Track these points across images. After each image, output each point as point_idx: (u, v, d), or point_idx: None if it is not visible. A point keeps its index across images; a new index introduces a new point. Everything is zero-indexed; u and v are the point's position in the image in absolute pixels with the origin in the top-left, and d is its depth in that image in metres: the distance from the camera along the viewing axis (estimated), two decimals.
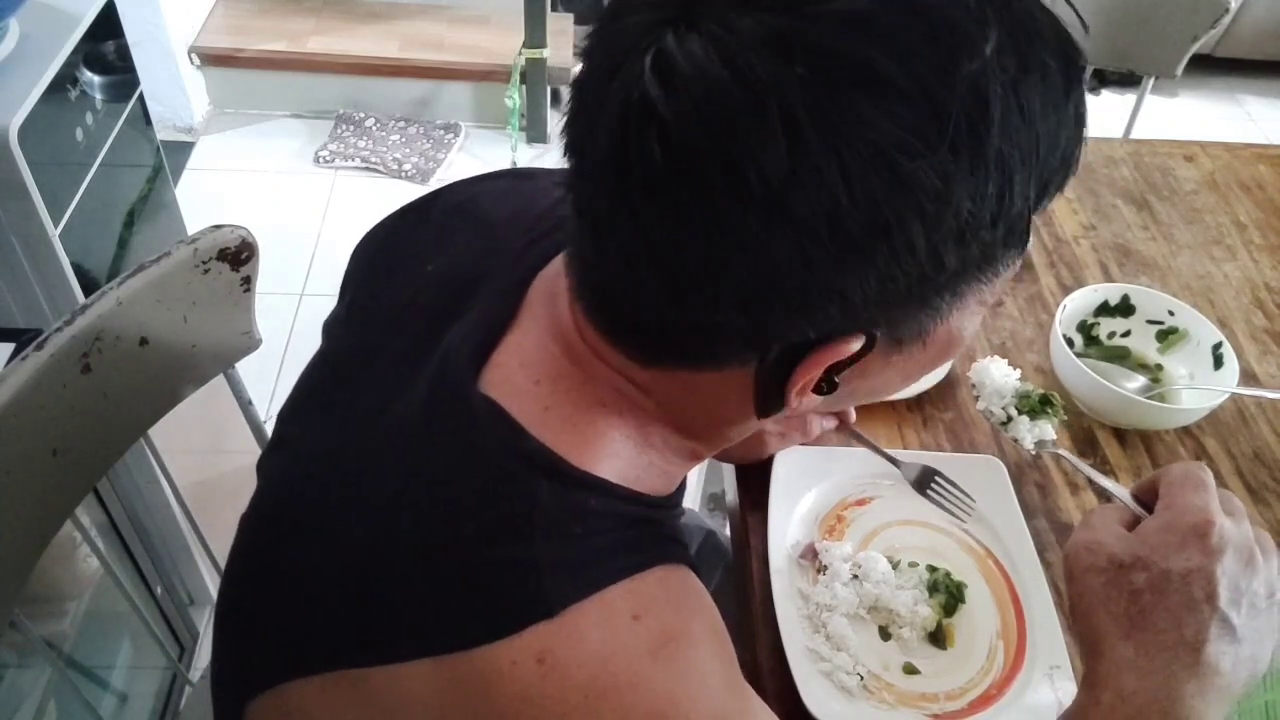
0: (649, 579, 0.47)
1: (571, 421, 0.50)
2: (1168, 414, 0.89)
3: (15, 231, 1.30)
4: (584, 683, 0.43)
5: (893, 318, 0.44)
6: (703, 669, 0.46)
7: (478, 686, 0.43)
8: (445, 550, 0.47)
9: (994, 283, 0.46)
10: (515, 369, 0.51)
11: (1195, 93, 3.25)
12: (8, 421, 0.65)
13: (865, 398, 0.54)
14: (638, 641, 0.45)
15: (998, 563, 0.79)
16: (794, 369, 0.45)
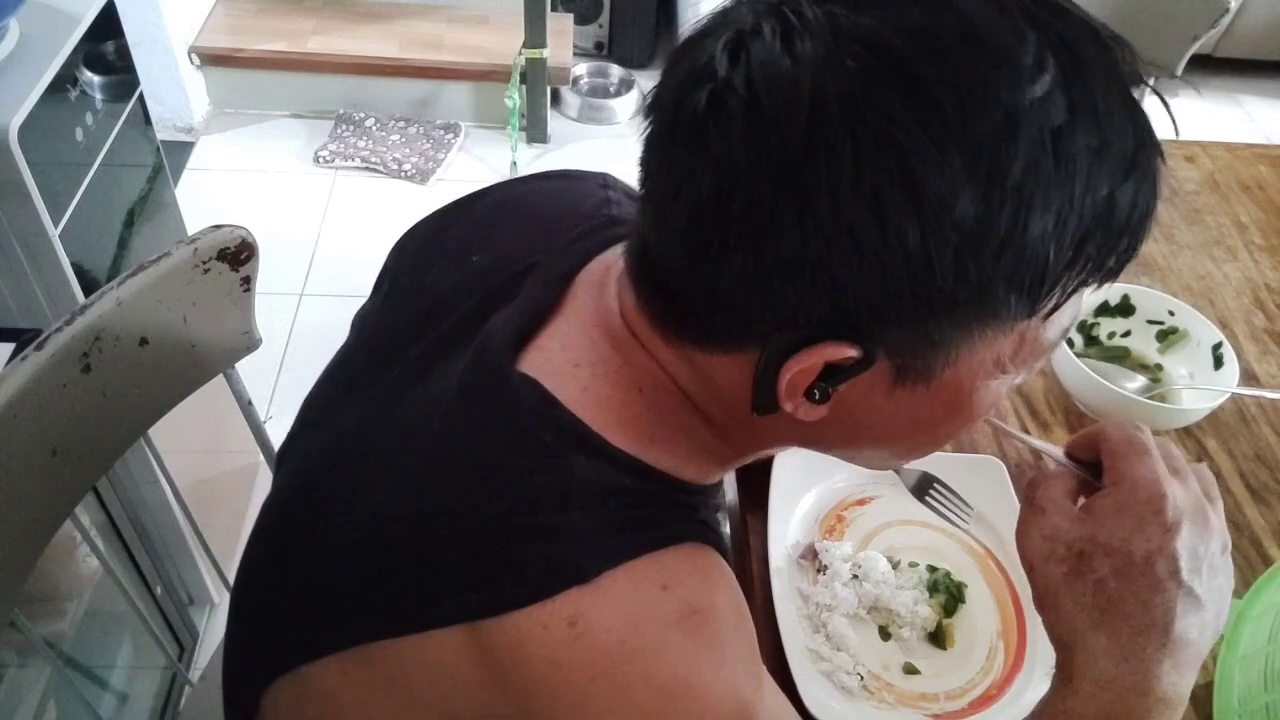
0: (678, 554, 0.48)
1: (609, 402, 0.51)
2: (1168, 414, 0.89)
3: (15, 231, 1.30)
4: (612, 647, 0.44)
5: (891, 335, 0.44)
6: (725, 645, 0.46)
7: (509, 652, 0.44)
8: (479, 517, 0.47)
9: (1009, 339, 0.45)
10: (556, 351, 0.53)
11: (1195, 93, 3.25)
12: (8, 421, 0.65)
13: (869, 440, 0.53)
14: (665, 610, 0.46)
15: (998, 563, 0.79)
16: (786, 361, 0.45)
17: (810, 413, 0.48)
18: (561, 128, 2.82)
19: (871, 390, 0.47)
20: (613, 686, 0.44)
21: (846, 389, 0.46)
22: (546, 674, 0.44)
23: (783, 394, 0.46)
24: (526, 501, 0.47)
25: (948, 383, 0.46)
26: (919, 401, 0.47)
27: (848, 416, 0.49)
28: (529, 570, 0.45)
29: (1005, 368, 0.47)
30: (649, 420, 0.52)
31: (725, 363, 0.48)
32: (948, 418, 0.50)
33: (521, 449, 0.49)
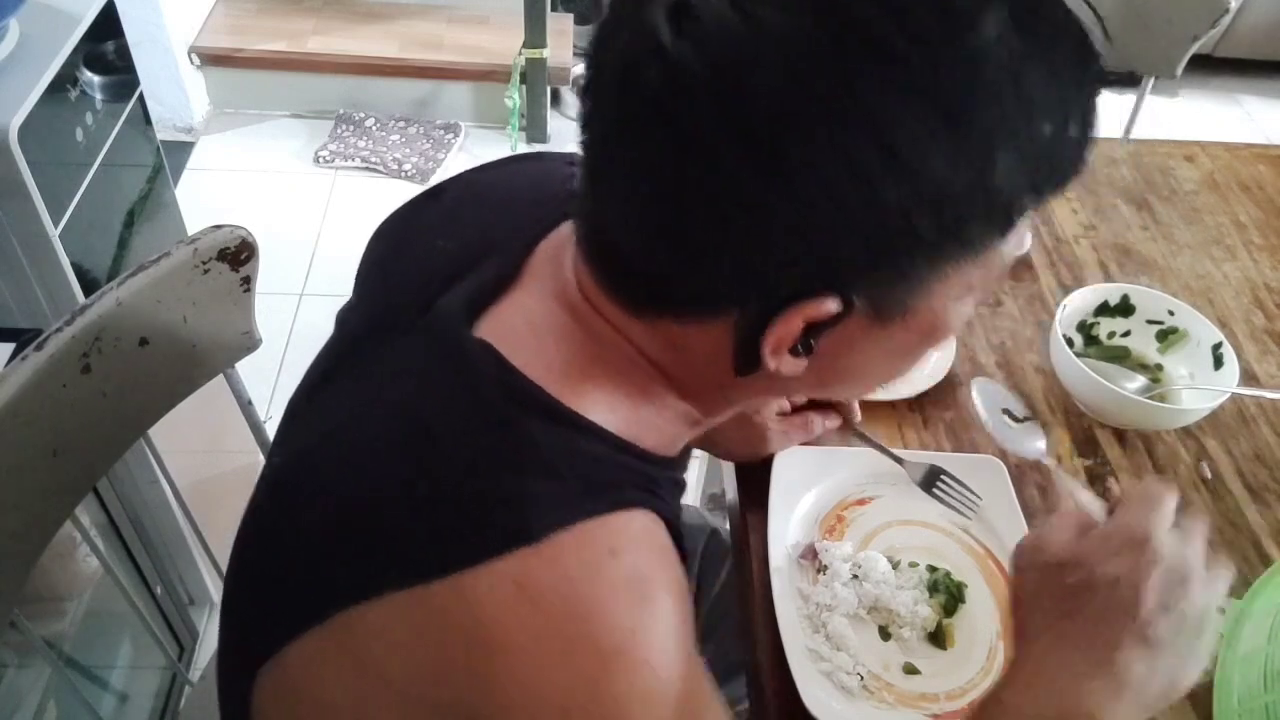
0: (629, 520, 0.48)
1: (567, 369, 0.51)
2: (1168, 414, 0.89)
3: (15, 231, 1.30)
4: (556, 607, 0.44)
5: (871, 284, 0.45)
6: (666, 618, 0.46)
7: (454, 613, 0.44)
8: (434, 481, 0.48)
9: (978, 266, 0.46)
10: (513, 319, 0.53)
11: (1195, 93, 3.24)
12: (8, 421, 0.65)
13: (849, 379, 0.53)
14: (612, 575, 0.45)
15: (998, 563, 0.79)
16: (769, 323, 0.45)
17: (792, 367, 0.48)
18: (561, 127, 2.82)
19: (851, 336, 0.47)
20: (556, 648, 0.43)
21: (827, 338, 0.47)
22: (491, 634, 0.44)
23: (767, 354, 0.47)
24: (481, 465, 0.48)
25: (922, 314, 0.48)
26: (895, 337, 0.48)
27: (827, 363, 0.49)
28: (479, 531, 0.45)
29: (972, 290, 0.49)
30: (608, 387, 0.52)
31: (699, 331, 0.49)
32: (922, 343, 0.51)
33: (477, 414, 0.49)
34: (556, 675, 0.43)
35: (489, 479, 0.47)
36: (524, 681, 0.43)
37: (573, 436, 0.49)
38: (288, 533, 0.52)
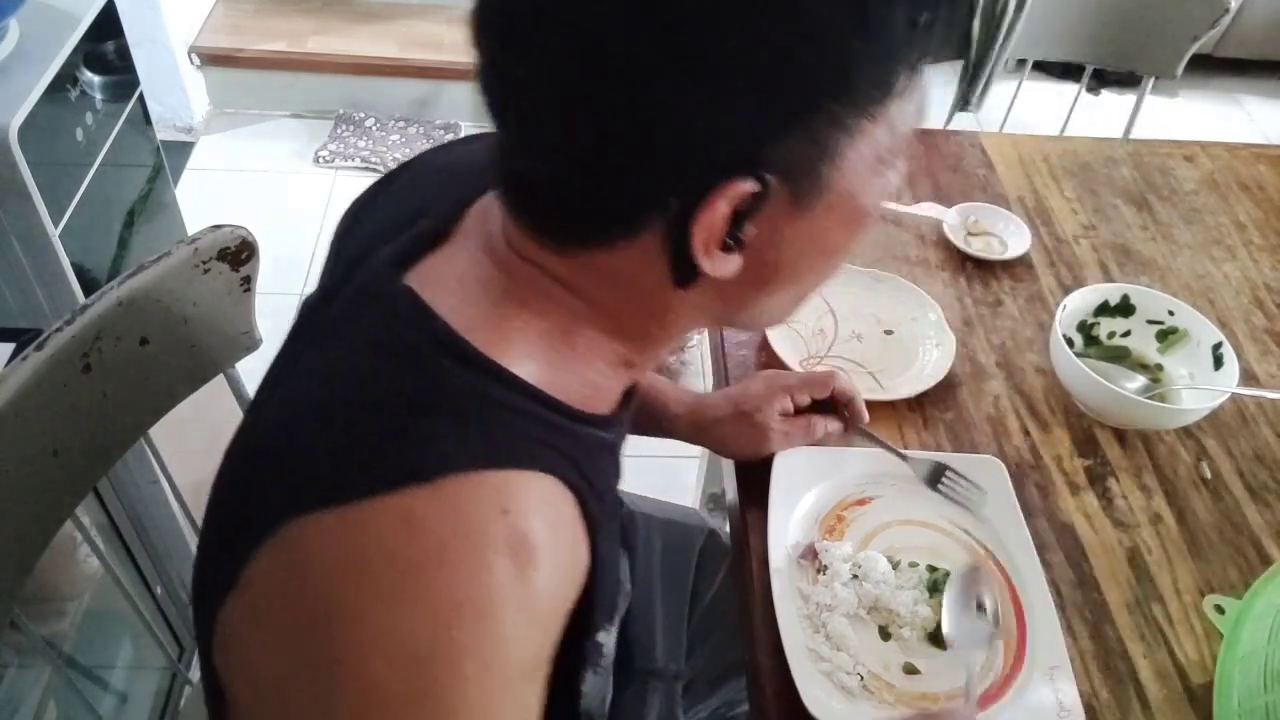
0: (532, 482, 0.48)
1: (488, 317, 0.51)
2: (1168, 414, 0.89)
3: (15, 231, 1.30)
4: (432, 549, 0.44)
5: (779, 156, 0.45)
6: (535, 596, 0.45)
7: (343, 542, 0.44)
8: (344, 416, 0.48)
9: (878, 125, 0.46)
10: (441, 270, 0.53)
11: (1195, 93, 3.25)
12: (8, 421, 0.65)
13: (784, 276, 0.53)
14: (498, 533, 0.45)
15: (998, 563, 0.79)
16: (694, 216, 0.45)
17: (726, 266, 0.48)
18: None
19: (776, 225, 0.48)
20: (415, 588, 0.43)
21: (754, 231, 0.47)
22: (363, 562, 0.44)
23: (699, 254, 0.47)
24: (389, 403, 0.48)
25: (841, 192, 0.48)
26: (819, 223, 0.49)
27: (759, 263, 0.49)
28: (377, 466, 0.46)
29: (884, 161, 0.49)
30: (531, 336, 0.52)
31: (627, 252, 0.48)
32: (851, 229, 0.51)
33: (393, 355, 0.50)
34: (412, 614, 0.43)
35: (394, 417, 0.47)
36: (381, 612, 0.43)
37: (486, 384, 0.49)
38: (227, 472, 0.53)
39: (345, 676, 0.43)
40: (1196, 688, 0.73)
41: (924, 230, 1.12)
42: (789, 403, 0.82)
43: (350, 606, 0.43)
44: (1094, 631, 0.76)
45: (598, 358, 0.54)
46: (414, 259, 0.54)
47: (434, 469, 0.45)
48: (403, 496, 0.44)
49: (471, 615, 0.43)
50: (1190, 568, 0.81)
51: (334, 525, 0.45)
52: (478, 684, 0.43)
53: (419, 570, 0.43)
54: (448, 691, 0.42)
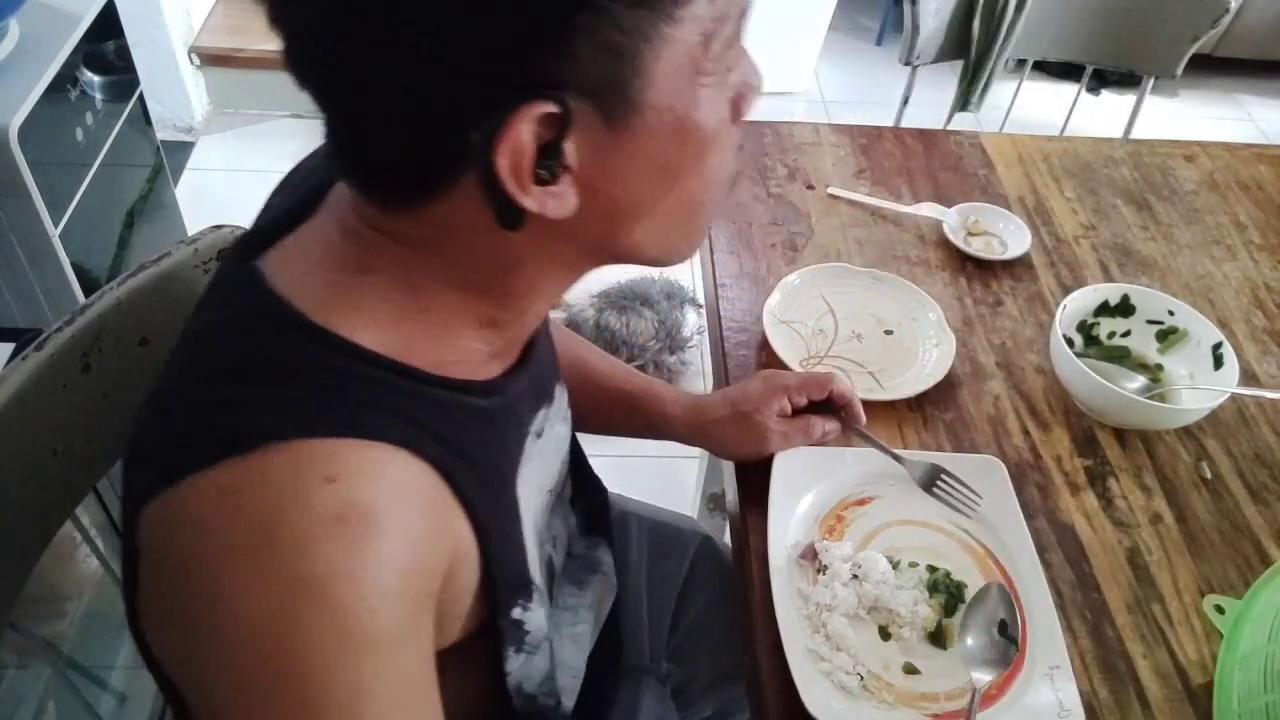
0: (364, 450, 0.46)
1: (328, 283, 0.50)
2: (1168, 414, 0.89)
3: (15, 231, 1.30)
4: (254, 525, 0.43)
5: (574, 73, 0.43)
6: (381, 564, 0.44)
7: (175, 522, 0.44)
8: (173, 394, 0.49)
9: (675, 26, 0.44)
10: (292, 247, 0.53)
11: (1195, 93, 3.25)
12: (8, 421, 0.65)
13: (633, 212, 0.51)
14: (320, 502, 0.43)
15: (998, 563, 0.79)
16: (495, 149, 0.44)
17: (559, 205, 0.47)
18: None
19: (595, 148, 0.46)
20: (247, 567, 0.42)
21: (577, 161, 0.46)
22: (191, 543, 0.43)
23: (514, 190, 0.45)
24: (206, 374, 0.48)
25: (659, 107, 0.46)
26: (646, 143, 0.47)
27: (598, 196, 0.48)
28: (193, 441, 0.45)
29: (703, 67, 0.47)
30: (372, 300, 0.50)
31: (454, 200, 0.47)
32: (685, 148, 0.49)
33: (217, 326, 0.50)
34: (251, 596, 0.42)
35: (213, 388, 0.47)
36: (223, 595, 0.42)
37: (314, 350, 0.48)
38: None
39: (218, 665, 0.43)
40: (1196, 688, 0.73)
41: (924, 230, 1.12)
42: (787, 403, 0.82)
43: (198, 592, 0.43)
44: (1094, 631, 0.76)
45: (456, 319, 0.53)
46: (272, 241, 0.54)
47: (251, 440, 0.44)
48: (221, 471, 0.43)
49: (312, 591, 0.42)
50: (1190, 568, 0.81)
51: (166, 508, 0.44)
52: (339, 658, 0.42)
53: (248, 551, 0.42)
54: (311, 669, 0.42)
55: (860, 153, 1.24)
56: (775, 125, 1.26)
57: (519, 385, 0.59)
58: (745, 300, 1.00)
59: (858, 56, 3.33)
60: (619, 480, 0.95)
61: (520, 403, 0.61)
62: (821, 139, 1.25)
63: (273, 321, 0.48)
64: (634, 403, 0.88)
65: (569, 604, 0.78)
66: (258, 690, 0.42)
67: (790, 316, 0.98)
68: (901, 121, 1.71)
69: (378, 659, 0.43)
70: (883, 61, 3.31)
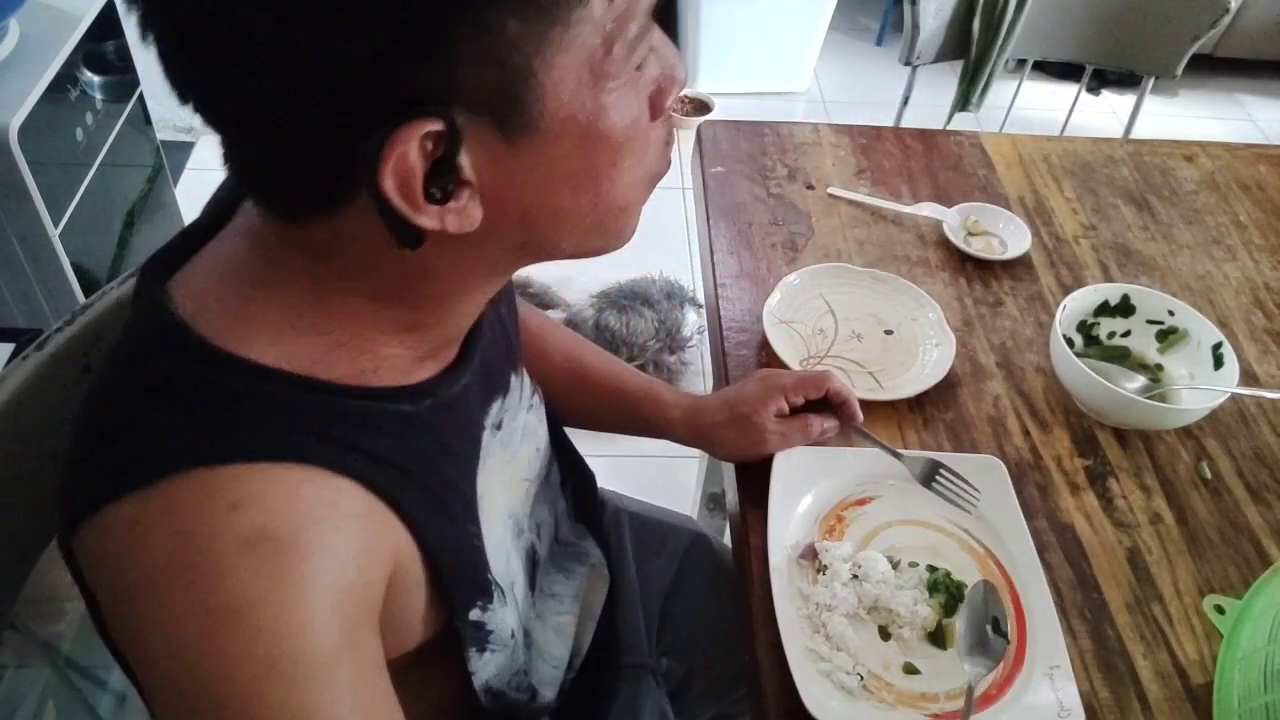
0: (271, 473, 0.45)
1: (228, 301, 0.49)
2: (1168, 414, 0.89)
3: (15, 231, 1.30)
4: (166, 558, 0.42)
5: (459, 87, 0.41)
6: (304, 585, 0.43)
7: (96, 559, 0.44)
8: (89, 422, 0.48)
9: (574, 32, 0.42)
10: (200, 264, 0.52)
11: (1195, 93, 3.25)
12: (8, 421, 0.65)
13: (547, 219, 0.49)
14: (228, 531, 0.42)
15: (998, 563, 0.79)
16: (378, 173, 0.42)
17: (461, 220, 0.45)
18: None
19: (494, 162, 0.44)
20: (164, 600, 0.42)
21: (471, 174, 0.44)
22: (112, 577, 0.43)
23: (406, 209, 0.43)
24: (110, 406, 0.47)
25: (561, 119, 0.44)
26: (548, 152, 0.45)
27: (504, 208, 0.46)
28: (98, 475, 0.45)
29: (606, 71, 0.45)
30: (278, 314, 0.48)
31: (353, 215, 0.45)
32: (594, 155, 0.47)
33: (126, 354, 0.49)
34: (175, 628, 0.42)
35: (115, 419, 0.46)
36: (144, 630, 0.42)
37: (215, 374, 0.46)
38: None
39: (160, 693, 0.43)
40: (1196, 688, 0.73)
41: (924, 230, 1.12)
42: (785, 403, 0.82)
43: (124, 626, 0.44)
44: (1094, 631, 0.76)
45: (370, 328, 0.51)
46: (186, 257, 0.52)
47: (155, 471, 0.43)
48: (128, 504, 0.43)
49: (231, 620, 0.42)
50: (1190, 568, 0.81)
51: (88, 539, 0.45)
52: (270, 682, 0.42)
53: (163, 584, 0.42)
54: (243, 695, 0.42)
55: (860, 153, 1.24)
56: (775, 125, 1.26)
57: (457, 384, 0.57)
58: (745, 300, 1.00)
59: (858, 56, 3.34)
60: (619, 480, 0.95)
61: (465, 400, 0.59)
62: (821, 139, 1.25)
63: (171, 347, 0.47)
64: (634, 404, 0.88)
65: (554, 591, 0.78)
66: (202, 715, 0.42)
67: (790, 316, 0.98)
68: (901, 121, 1.71)
69: (314, 678, 0.43)
70: (883, 61, 3.31)
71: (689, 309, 2.11)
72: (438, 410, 0.55)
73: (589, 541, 0.86)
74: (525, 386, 0.71)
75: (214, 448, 0.44)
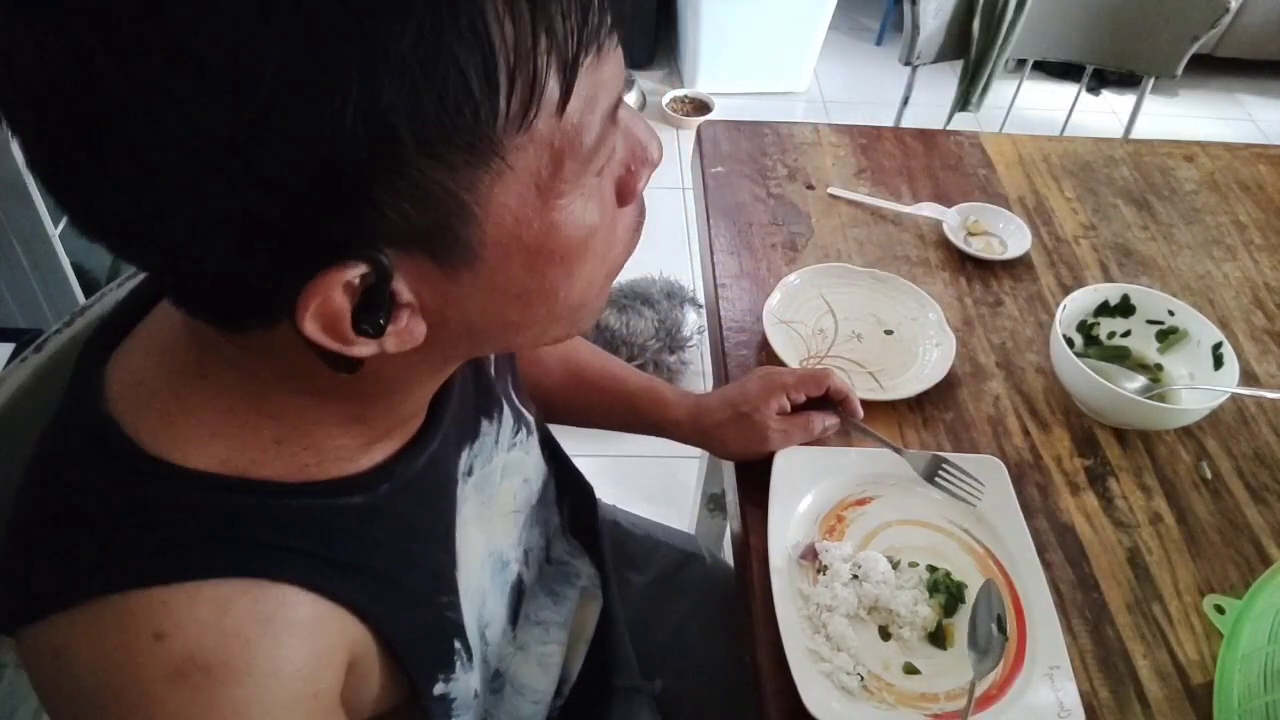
0: (198, 593, 0.41)
1: (161, 397, 0.45)
2: (1168, 414, 0.89)
3: (15, 231, 1.30)
4: (92, 688, 0.40)
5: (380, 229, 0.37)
6: (241, 708, 0.41)
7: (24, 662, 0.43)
8: (14, 530, 0.45)
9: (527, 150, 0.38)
10: (137, 343, 0.48)
11: (1195, 93, 3.25)
12: (7, 422, 0.65)
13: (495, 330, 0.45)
14: (153, 662, 0.40)
15: (998, 563, 0.79)
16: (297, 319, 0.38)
17: (401, 341, 0.41)
18: None
19: (435, 288, 0.40)
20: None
21: (413, 299, 0.40)
22: (46, 702, 0.42)
23: (337, 346, 0.39)
24: (31, 514, 0.44)
25: (502, 244, 0.40)
26: (494, 277, 0.41)
27: (447, 325, 0.43)
28: (27, 591, 0.42)
29: (557, 189, 0.40)
30: (210, 412, 0.45)
31: (281, 331, 0.40)
32: (544, 271, 0.43)
33: (48, 456, 0.46)
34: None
35: (35, 530, 0.44)
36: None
37: (138, 482, 0.43)
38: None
39: None
40: (1196, 688, 0.73)
41: (924, 230, 1.12)
42: (786, 401, 0.82)
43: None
44: (1094, 631, 0.76)
45: (310, 422, 0.47)
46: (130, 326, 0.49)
47: (78, 593, 0.41)
48: (51, 627, 0.41)
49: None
50: (1190, 568, 0.81)
51: (20, 648, 0.43)
52: None
53: (88, 712, 0.41)
54: None
55: (860, 153, 1.24)
56: (775, 125, 1.26)
57: (420, 458, 0.53)
58: (745, 300, 1.00)
59: (858, 56, 3.34)
60: (619, 480, 0.95)
61: (434, 468, 0.55)
62: (821, 139, 1.25)
63: (100, 453, 0.44)
64: (635, 403, 0.88)
65: (540, 618, 0.76)
66: None
67: (790, 316, 0.98)
68: (901, 121, 1.71)
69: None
70: (883, 61, 3.31)
71: (689, 309, 2.12)
72: (396, 494, 0.51)
73: (582, 559, 0.85)
74: (505, 425, 0.68)
75: (136, 570, 0.41)
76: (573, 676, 0.79)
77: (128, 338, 0.49)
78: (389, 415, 0.50)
